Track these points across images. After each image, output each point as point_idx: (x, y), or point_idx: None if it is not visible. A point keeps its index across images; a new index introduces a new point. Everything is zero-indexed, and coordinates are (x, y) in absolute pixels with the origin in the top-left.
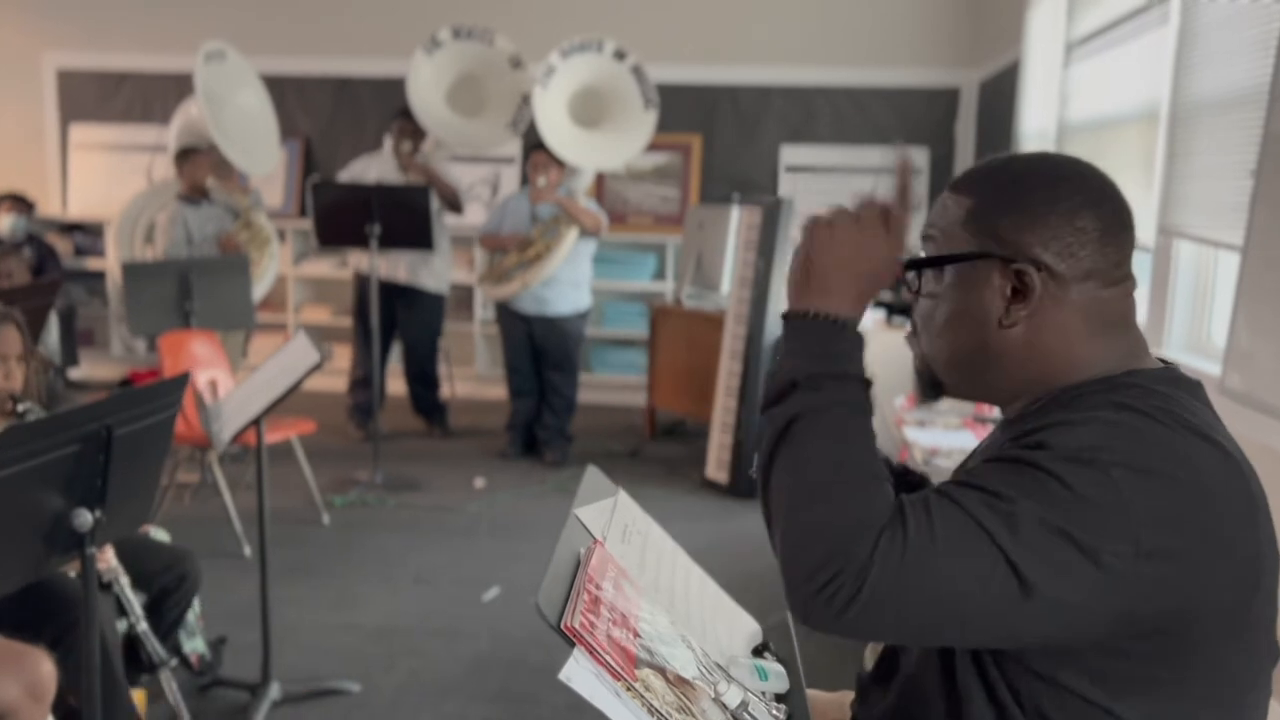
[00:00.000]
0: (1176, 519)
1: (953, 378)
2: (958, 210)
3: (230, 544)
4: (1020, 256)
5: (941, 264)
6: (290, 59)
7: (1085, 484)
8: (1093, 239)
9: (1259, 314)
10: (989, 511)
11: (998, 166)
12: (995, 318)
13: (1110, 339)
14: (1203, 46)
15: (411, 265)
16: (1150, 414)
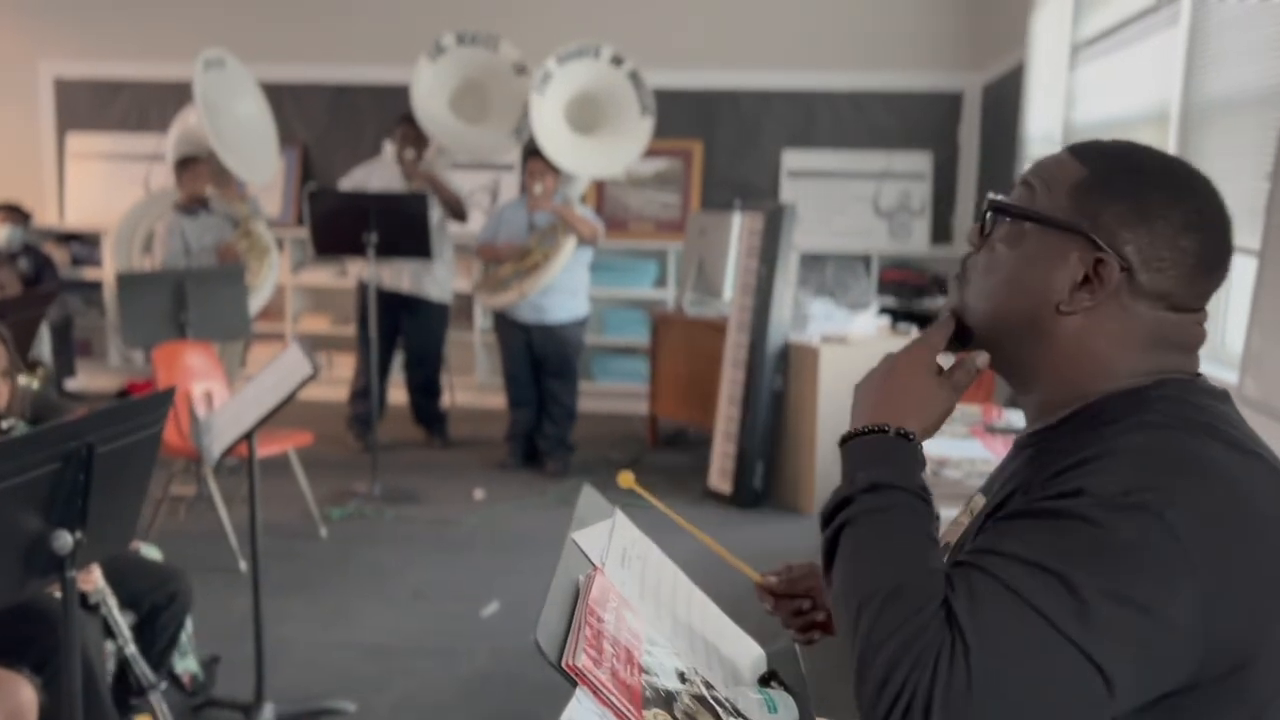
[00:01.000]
0: (1237, 554)
1: (990, 337)
2: (1070, 173)
3: (226, 559)
4: (1110, 247)
5: (1029, 218)
6: (287, 66)
7: (1138, 534)
8: (1188, 264)
9: (1276, 321)
10: (1047, 594)
11: (1128, 150)
12: (1056, 299)
13: (1156, 356)
14: (1214, 47)
15: (415, 274)
16: (1179, 426)
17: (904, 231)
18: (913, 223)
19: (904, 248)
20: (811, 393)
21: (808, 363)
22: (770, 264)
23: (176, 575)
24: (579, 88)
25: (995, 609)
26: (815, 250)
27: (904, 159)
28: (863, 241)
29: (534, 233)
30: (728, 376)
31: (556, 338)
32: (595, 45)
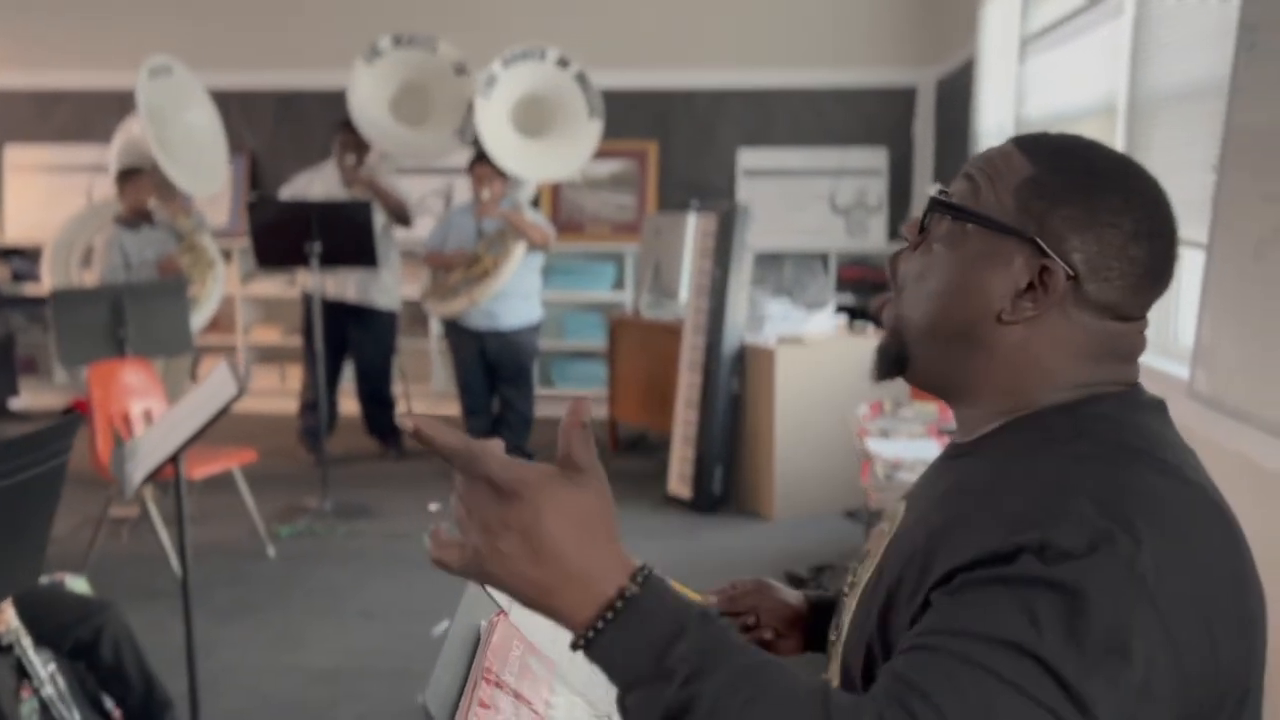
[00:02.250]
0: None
1: (925, 352)
2: (1016, 171)
3: (167, 583)
4: (1057, 254)
5: (972, 218)
6: (232, 73)
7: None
8: (1136, 274)
9: (1225, 315)
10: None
11: (1079, 147)
12: (997, 307)
13: (1099, 370)
14: (1159, 38)
15: (362, 283)
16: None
17: (861, 228)
18: (869, 219)
19: (861, 245)
20: (768, 395)
21: (764, 365)
22: (724, 265)
23: (103, 608)
24: (525, 91)
25: (977, 695)
26: (773, 249)
27: (860, 155)
28: (820, 239)
29: (483, 239)
30: (685, 380)
31: (510, 344)
32: (541, 47)
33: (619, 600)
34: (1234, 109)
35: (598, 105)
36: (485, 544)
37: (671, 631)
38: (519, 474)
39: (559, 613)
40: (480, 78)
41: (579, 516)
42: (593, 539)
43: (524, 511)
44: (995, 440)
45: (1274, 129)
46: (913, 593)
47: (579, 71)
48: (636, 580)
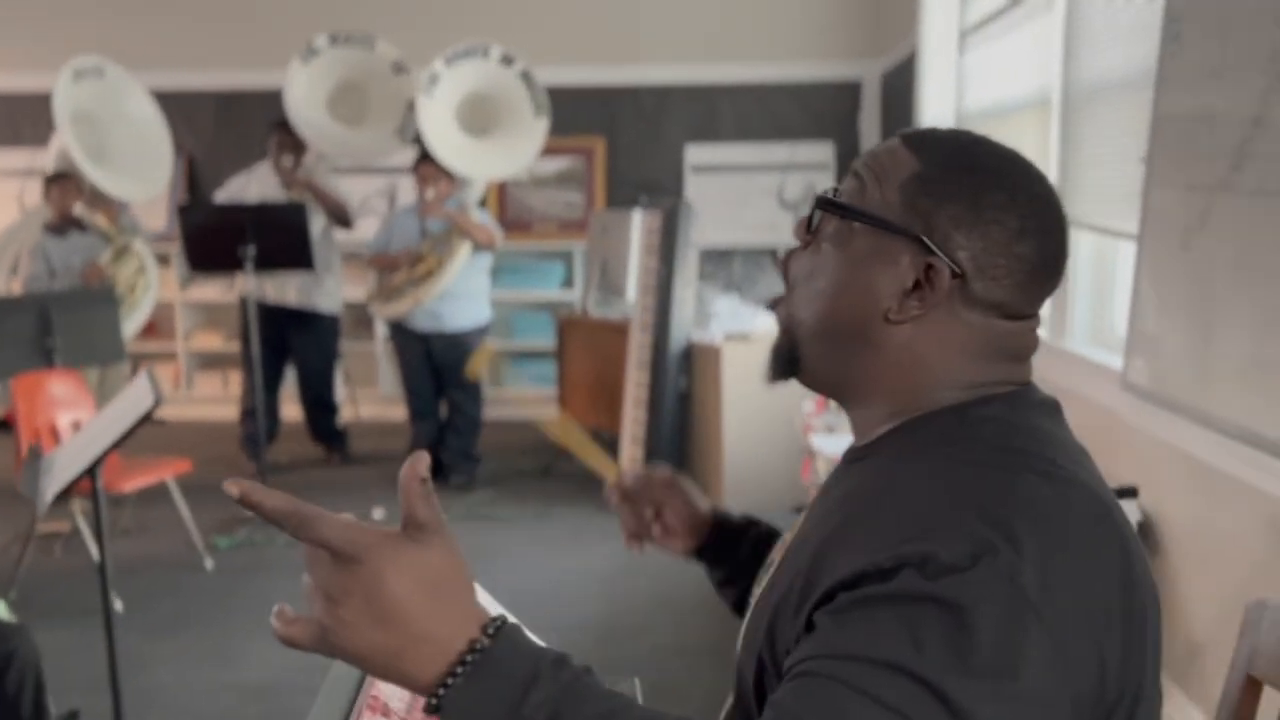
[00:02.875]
0: (1081, 607)
1: (815, 352)
2: (902, 167)
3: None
4: (943, 252)
5: (858, 217)
6: (169, 73)
7: (993, 610)
8: (1023, 271)
9: (1156, 306)
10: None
11: (963, 143)
12: (883, 306)
13: (990, 370)
14: (1089, 31)
15: (302, 287)
16: (997, 463)
17: None
18: None
19: None
20: (716, 392)
21: (711, 362)
22: (669, 262)
23: (15, 633)
24: (469, 89)
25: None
26: (722, 245)
27: (807, 150)
28: (769, 235)
29: (427, 239)
30: (632, 378)
31: (457, 346)
32: (484, 45)
33: (470, 653)
34: (1160, 99)
35: (543, 103)
36: (328, 614)
37: (525, 681)
38: (355, 537)
39: (410, 677)
40: (423, 76)
41: (424, 575)
42: (439, 597)
43: (363, 575)
44: (887, 443)
45: (1198, 118)
46: (797, 609)
47: (523, 69)
48: (488, 632)
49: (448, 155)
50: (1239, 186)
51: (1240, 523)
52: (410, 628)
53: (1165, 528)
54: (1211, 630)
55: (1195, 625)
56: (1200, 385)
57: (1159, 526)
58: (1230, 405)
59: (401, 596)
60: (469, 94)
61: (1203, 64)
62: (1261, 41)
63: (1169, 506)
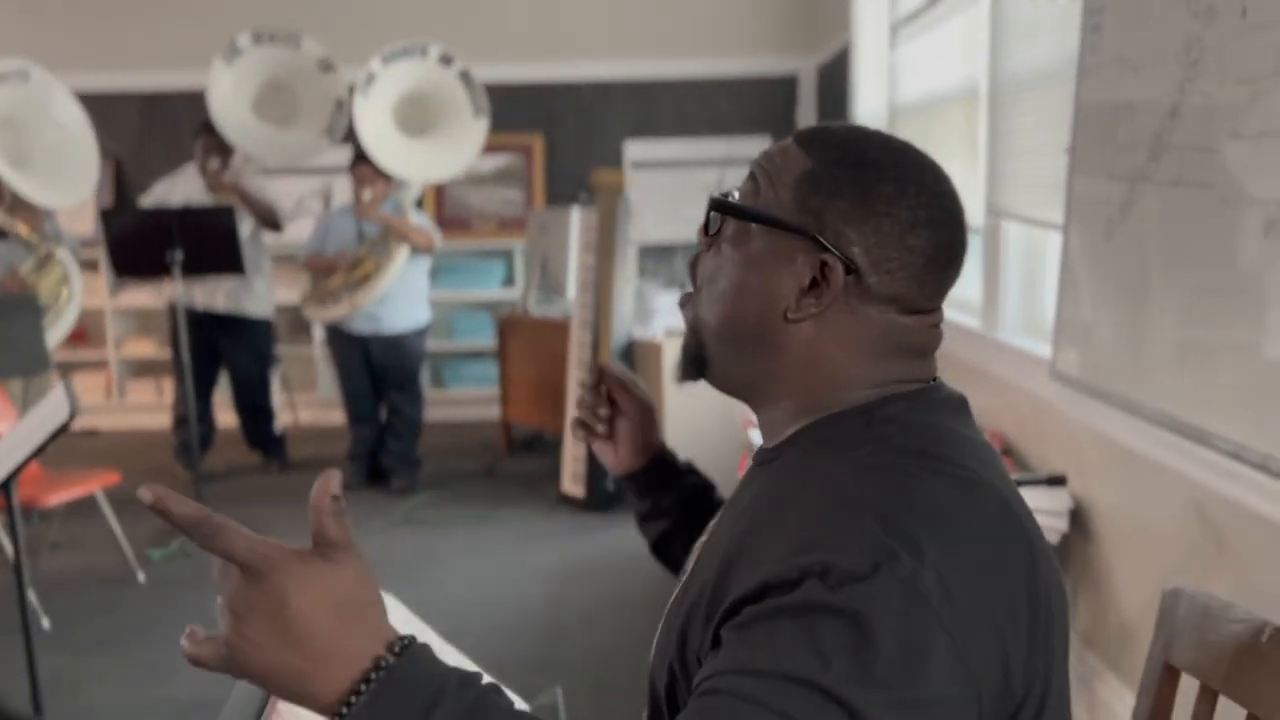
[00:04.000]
0: (983, 610)
1: (720, 353)
2: (793, 166)
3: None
4: (836, 248)
5: (753, 218)
6: (92, 74)
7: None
8: (918, 263)
9: (1083, 295)
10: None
11: (853, 139)
12: (783, 305)
13: (891, 364)
14: (1014, 22)
15: (232, 292)
16: (896, 466)
17: None
18: None
19: None
20: (657, 388)
21: (652, 358)
22: (608, 259)
23: None
24: (407, 89)
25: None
26: (663, 241)
27: (745, 144)
28: None
29: (365, 242)
30: (573, 377)
31: (396, 348)
32: (422, 44)
33: (374, 671)
34: (1081, 90)
35: (483, 103)
36: (233, 631)
37: (429, 700)
38: (263, 551)
39: (314, 697)
40: (359, 76)
41: (330, 593)
42: (346, 615)
43: (269, 591)
44: (793, 445)
45: (1116, 108)
46: (705, 620)
47: (463, 69)
48: (394, 650)
49: (385, 157)
50: (1157, 176)
51: (1167, 508)
52: (314, 646)
53: (1095, 514)
54: (1142, 614)
55: (1126, 610)
56: (1128, 373)
57: (1089, 513)
58: (1157, 393)
59: (306, 614)
60: (406, 94)
61: (1121, 55)
62: (1176, 33)
63: (1098, 493)
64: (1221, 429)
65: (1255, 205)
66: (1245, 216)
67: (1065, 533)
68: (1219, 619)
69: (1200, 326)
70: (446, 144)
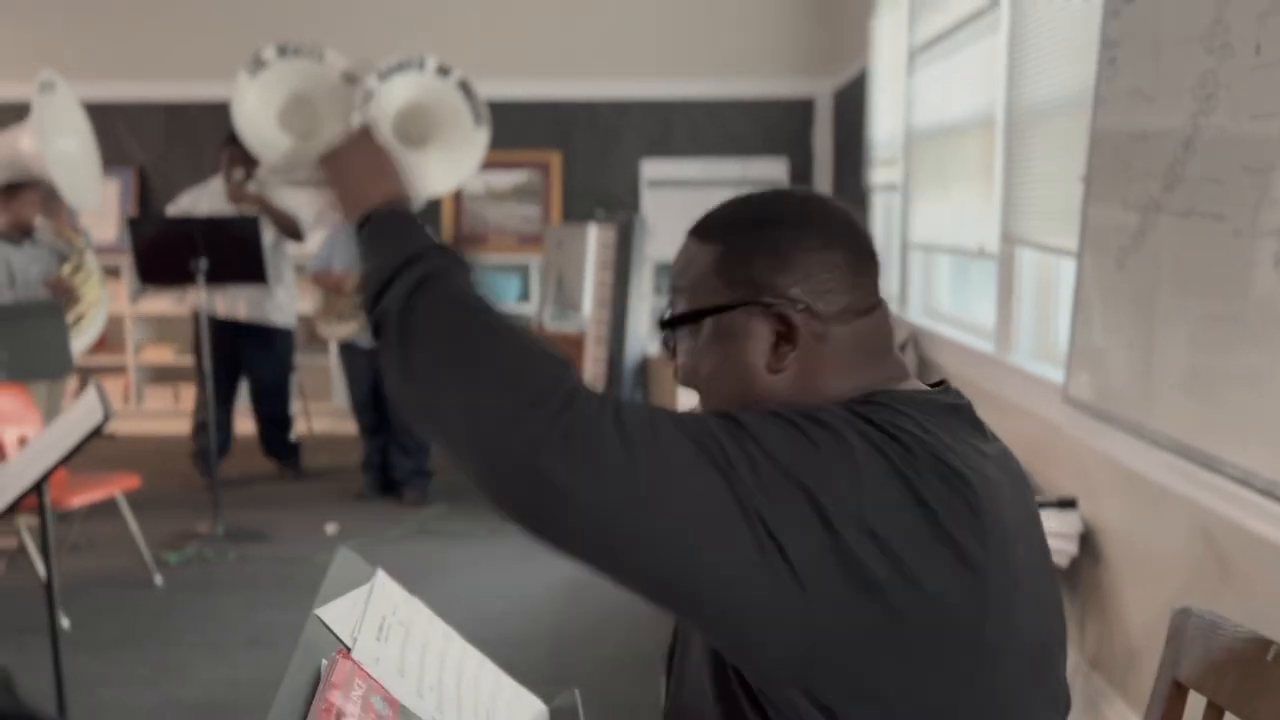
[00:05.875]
0: (898, 506)
1: None
2: (706, 259)
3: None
4: (779, 300)
5: (700, 317)
6: (118, 84)
7: (821, 438)
8: (844, 272)
9: (1096, 322)
10: (724, 432)
11: (740, 209)
12: (763, 364)
13: (867, 367)
14: (1032, 52)
15: (254, 300)
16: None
17: None
18: None
19: None
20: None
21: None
22: (624, 276)
23: None
24: (406, 102)
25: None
26: None
27: (760, 165)
28: None
29: None
30: None
31: None
32: (420, 56)
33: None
34: (1097, 120)
35: (483, 112)
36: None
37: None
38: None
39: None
40: (355, 94)
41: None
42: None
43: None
44: None
45: (1132, 138)
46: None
47: (461, 79)
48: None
49: None
50: (1171, 206)
51: (1175, 532)
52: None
53: (1104, 538)
54: (1149, 637)
55: (1134, 632)
56: (1140, 399)
57: (1098, 536)
58: (1168, 419)
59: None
60: (406, 107)
61: (1137, 87)
62: (1191, 67)
63: (1108, 517)
64: (1230, 455)
65: (1266, 237)
66: (1257, 247)
67: (1075, 556)
68: (1226, 637)
69: (1211, 355)
70: (449, 155)
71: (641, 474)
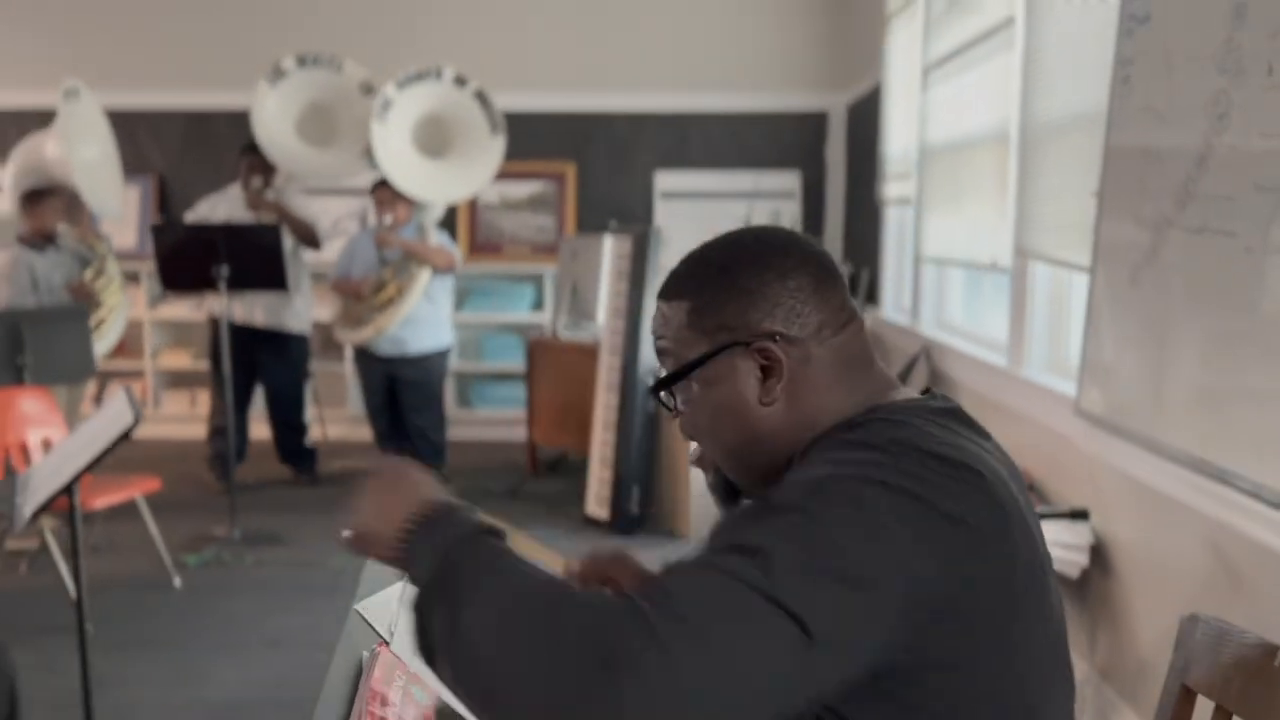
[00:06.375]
0: (931, 534)
1: (740, 474)
2: (679, 316)
3: (67, 617)
4: (755, 336)
5: (688, 372)
6: (139, 92)
7: (835, 510)
8: (810, 294)
9: (1108, 337)
10: (740, 562)
11: (698, 261)
12: (755, 400)
13: (856, 379)
14: (1046, 69)
15: (271, 307)
16: (882, 448)
17: None
18: None
19: None
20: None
21: None
22: (639, 286)
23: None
24: (424, 111)
25: (684, 588)
26: None
27: (774, 178)
28: None
29: (388, 265)
30: (602, 401)
31: (419, 370)
32: (437, 67)
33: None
34: (1111, 138)
35: (499, 122)
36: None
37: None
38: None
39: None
40: (375, 103)
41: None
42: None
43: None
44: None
45: (1145, 156)
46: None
47: (477, 89)
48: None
49: (405, 180)
50: (1183, 223)
51: (1185, 544)
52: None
53: (1115, 549)
54: (1159, 647)
55: (1143, 643)
56: (1150, 413)
57: (1109, 547)
58: (1178, 433)
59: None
60: (424, 117)
61: (1150, 105)
62: (1205, 87)
63: (1118, 528)
64: (1240, 468)
65: (1277, 254)
66: (1267, 265)
67: (1085, 567)
68: (1234, 643)
69: (1223, 371)
70: (465, 163)
71: (709, 667)
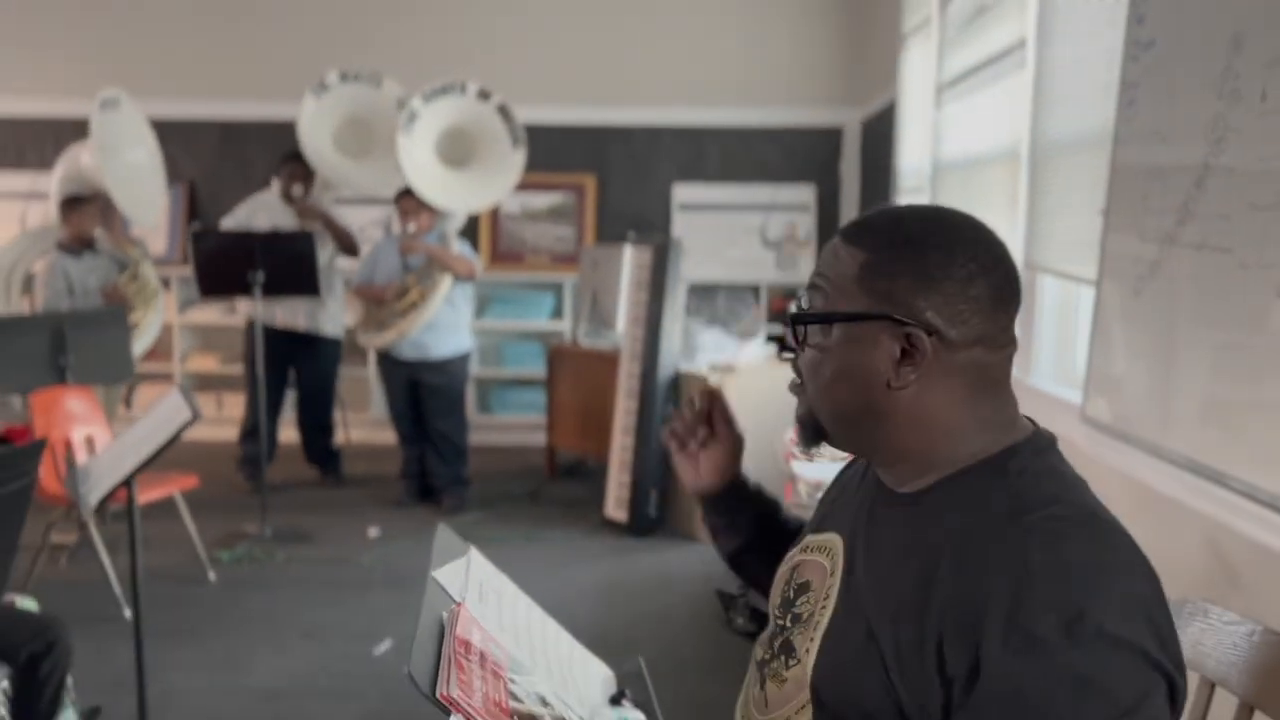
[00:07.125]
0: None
1: (838, 432)
2: (850, 263)
3: (109, 607)
4: (913, 319)
5: (832, 320)
6: (173, 102)
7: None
8: (984, 306)
9: (1113, 347)
10: None
11: (894, 221)
12: (883, 379)
13: (988, 402)
14: (1056, 90)
15: (310, 312)
16: (1066, 523)
17: (791, 262)
18: (799, 253)
19: (791, 277)
20: None
21: (696, 389)
22: (659, 296)
23: (54, 624)
24: (448, 124)
25: None
26: (707, 281)
27: (789, 191)
28: (752, 272)
29: (411, 272)
30: (621, 406)
31: (440, 374)
32: (461, 81)
33: None
34: (1116, 156)
35: (520, 135)
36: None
37: None
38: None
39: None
40: (400, 114)
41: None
42: None
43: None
44: (935, 497)
45: (1148, 174)
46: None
47: (500, 103)
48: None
49: (428, 190)
50: (1184, 239)
51: (1184, 543)
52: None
53: None
54: None
55: None
56: (1154, 423)
57: None
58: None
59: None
60: (448, 129)
61: (1153, 127)
62: (1204, 111)
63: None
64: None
65: (1270, 270)
66: (1261, 280)
67: None
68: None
69: (1223, 382)
70: (487, 174)
71: None
